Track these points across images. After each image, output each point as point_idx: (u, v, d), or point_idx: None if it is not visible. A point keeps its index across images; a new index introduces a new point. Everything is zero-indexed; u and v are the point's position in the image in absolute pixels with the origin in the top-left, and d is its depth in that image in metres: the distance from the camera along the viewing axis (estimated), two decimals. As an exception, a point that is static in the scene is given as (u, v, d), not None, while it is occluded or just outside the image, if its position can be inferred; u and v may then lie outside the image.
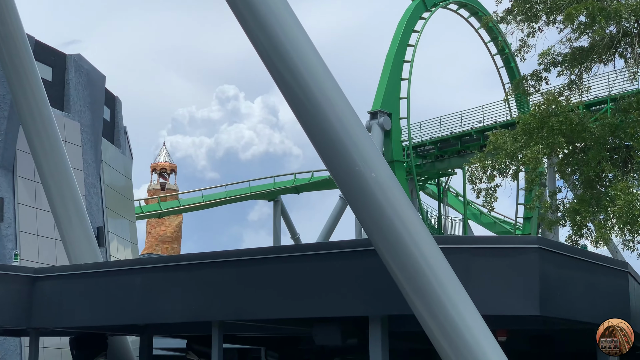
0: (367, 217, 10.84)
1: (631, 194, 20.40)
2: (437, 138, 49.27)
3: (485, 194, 24.76)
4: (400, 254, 10.66)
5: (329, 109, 10.50)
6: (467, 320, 10.69)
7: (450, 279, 10.80)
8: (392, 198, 10.64)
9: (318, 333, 13.67)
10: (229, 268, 13.68)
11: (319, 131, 10.68)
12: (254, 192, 58.12)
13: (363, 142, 10.67)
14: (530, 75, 25.74)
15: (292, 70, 10.53)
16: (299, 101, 10.63)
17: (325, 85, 10.64)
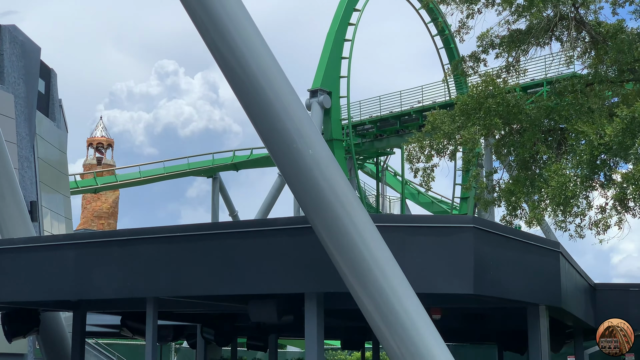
0: (304, 194, 10.83)
1: (564, 176, 20.73)
2: (376, 117, 49.47)
3: (423, 174, 24.95)
4: (337, 232, 10.68)
5: (268, 86, 10.44)
6: (402, 298, 10.77)
7: (385, 257, 10.85)
8: (329, 176, 10.64)
9: (254, 310, 13.65)
10: (164, 244, 13.56)
11: (257, 108, 10.62)
12: (193, 168, 57.71)
13: (301, 120, 10.64)
14: (469, 57, 25.96)
15: (231, 46, 10.44)
16: (238, 78, 10.55)
17: (264, 62, 10.57)
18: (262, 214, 52.35)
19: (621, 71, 22.96)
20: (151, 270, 13.59)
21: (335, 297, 13.09)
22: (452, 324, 19.63)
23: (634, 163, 19.12)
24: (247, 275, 12.90)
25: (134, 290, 13.92)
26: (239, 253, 12.97)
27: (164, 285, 13.55)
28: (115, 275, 13.91)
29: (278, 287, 12.86)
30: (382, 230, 11.16)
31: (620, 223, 22.26)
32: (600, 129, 19.95)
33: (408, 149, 25.69)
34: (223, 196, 58.91)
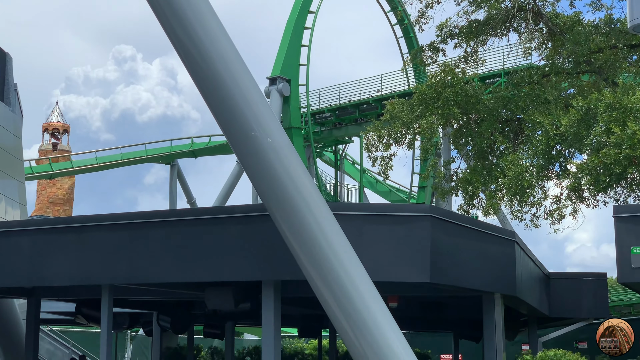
0: (262, 182, 10.80)
1: (521, 166, 20.91)
2: (335, 106, 49.45)
3: (381, 162, 25.03)
4: (294, 220, 10.67)
5: (226, 73, 10.37)
6: (359, 286, 10.80)
7: (342, 246, 10.87)
8: (287, 164, 10.62)
9: (210, 297, 13.63)
10: (120, 231, 13.46)
11: (216, 95, 10.54)
12: (150, 155, 57.24)
13: (260, 108, 10.59)
14: (428, 47, 26.05)
15: (189, 32, 10.35)
16: (196, 64, 10.46)
17: (223, 49, 10.49)
18: (220, 202, 52.11)
19: (577, 63, 23.20)
20: (107, 257, 13.48)
21: (293, 284, 13.10)
22: (408, 312, 19.75)
23: (588, 154, 19.34)
24: (204, 262, 12.85)
25: (90, 277, 13.81)
26: (196, 240, 12.92)
27: (119, 273, 13.46)
28: (71, 262, 13.78)
29: (235, 274, 12.84)
30: (339, 218, 11.18)
31: (575, 213, 22.52)
32: (556, 120, 20.14)
33: (366, 137, 25.75)
34: (181, 183, 58.55)
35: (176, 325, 21.13)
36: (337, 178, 54.27)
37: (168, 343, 26.54)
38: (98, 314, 14.82)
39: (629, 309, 36.92)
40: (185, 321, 21.45)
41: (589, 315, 20.78)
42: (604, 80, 22.61)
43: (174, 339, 27.17)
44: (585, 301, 20.14)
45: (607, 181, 18.12)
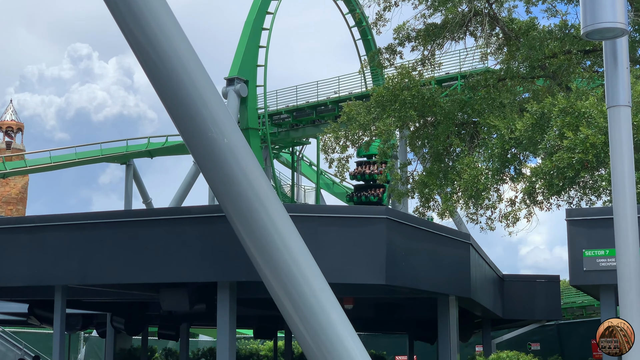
0: (218, 183, 10.76)
1: (476, 169, 21.07)
2: (292, 107, 49.42)
3: (338, 164, 25.07)
4: (250, 221, 10.65)
5: (183, 73, 10.31)
6: (314, 287, 10.80)
7: (298, 247, 10.87)
8: (244, 165, 10.59)
9: (165, 299, 13.55)
10: (74, 232, 13.33)
11: (172, 95, 10.48)
12: (106, 154, 56.69)
13: (216, 108, 10.55)
14: (385, 49, 26.13)
15: (145, 31, 10.26)
16: (153, 64, 10.39)
17: (180, 49, 10.42)
18: (176, 202, 51.79)
19: (532, 67, 23.43)
20: (60, 257, 13.35)
21: (248, 286, 13.08)
22: (364, 313, 19.83)
23: (542, 158, 19.54)
24: (159, 263, 12.78)
25: (43, 277, 13.66)
26: (151, 241, 12.85)
27: (73, 273, 13.33)
28: (23, 263, 13.61)
29: (190, 275, 12.78)
30: (296, 220, 11.18)
31: (529, 216, 22.73)
32: (511, 124, 20.32)
33: (323, 139, 25.77)
34: (137, 183, 58.09)
35: (130, 326, 20.97)
36: (294, 179, 54.25)
37: (122, 344, 26.27)
38: (51, 315, 14.67)
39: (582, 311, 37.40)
40: (140, 322, 21.30)
41: (542, 317, 21.03)
42: (558, 85, 22.86)
43: (127, 340, 26.91)
44: (538, 303, 20.38)
45: (561, 185, 18.33)
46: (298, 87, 49.54)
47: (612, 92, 7.59)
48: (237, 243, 11.21)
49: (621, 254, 7.49)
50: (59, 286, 14.02)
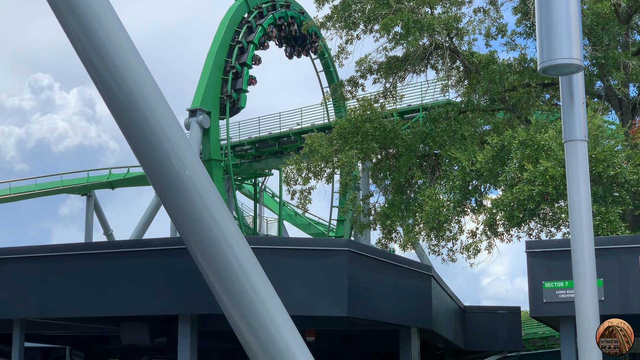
0: (179, 215, 10.71)
1: (438, 200, 21.22)
2: (255, 138, 49.47)
3: (300, 196, 25.10)
4: (212, 253, 10.60)
5: (144, 104, 10.28)
6: (276, 320, 10.76)
7: (260, 280, 10.84)
8: (205, 197, 10.56)
9: (126, 332, 13.41)
10: (33, 264, 13.18)
11: (133, 126, 10.43)
12: (66, 185, 56.18)
13: (178, 140, 10.52)
14: (348, 81, 26.33)
15: (106, 63, 10.23)
16: (113, 95, 10.34)
17: (141, 80, 10.40)
18: (137, 234, 51.39)
19: (492, 100, 23.73)
20: (19, 290, 13.17)
21: (210, 318, 13.00)
22: (326, 345, 19.74)
23: (503, 189, 19.74)
24: (119, 296, 12.66)
25: (1, 311, 13.45)
26: (112, 274, 12.73)
27: (32, 307, 13.15)
28: (-19, 296, 13.41)
29: (151, 308, 12.67)
30: (257, 252, 11.15)
31: (490, 247, 22.90)
32: (472, 156, 20.53)
33: (286, 170, 25.81)
34: (98, 215, 57.57)
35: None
36: (256, 211, 54.13)
37: (81, 378, 25.93)
38: (9, 348, 14.44)
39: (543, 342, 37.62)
40: (100, 356, 21.04)
41: (504, 348, 21.09)
42: (518, 118, 23.16)
43: (87, 374, 26.57)
44: (500, 334, 20.45)
45: (521, 217, 18.52)
46: (261, 119, 49.65)
47: (568, 127, 7.72)
48: (199, 275, 11.15)
49: (579, 285, 7.57)
50: (18, 319, 13.82)
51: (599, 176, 17.70)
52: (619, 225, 17.36)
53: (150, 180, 10.82)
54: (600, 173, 17.57)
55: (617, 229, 17.27)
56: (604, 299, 12.16)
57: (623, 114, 22.26)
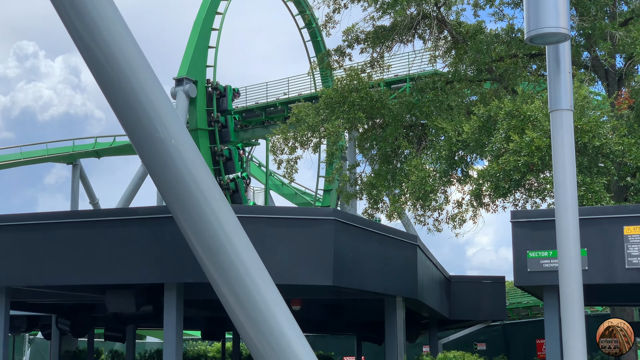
0: (165, 184, 10.69)
1: (424, 170, 21.25)
2: (242, 108, 49.35)
3: (286, 165, 25.08)
4: (197, 222, 10.60)
5: (130, 73, 10.22)
6: (261, 289, 10.79)
7: (245, 248, 10.85)
8: (191, 166, 10.54)
9: (111, 300, 13.42)
10: (18, 232, 13.14)
11: (119, 95, 10.38)
12: (52, 154, 56.01)
13: (164, 109, 10.48)
14: (335, 51, 26.24)
15: (92, 31, 10.15)
16: (99, 64, 10.27)
17: (127, 49, 10.33)
18: (124, 203, 51.33)
19: (479, 71, 23.71)
20: (4, 258, 13.15)
21: (196, 287, 13.03)
22: (312, 314, 19.85)
23: (489, 160, 19.78)
24: (105, 264, 12.67)
25: (-14, 279, 13.44)
26: (98, 242, 12.72)
27: (17, 274, 13.14)
28: (-34, 264, 13.38)
29: (137, 277, 12.69)
30: (243, 221, 11.16)
31: (475, 218, 23.01)
32: (458, 126, 20.54)
33: (272, 140, 25.76)
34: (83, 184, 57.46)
35: (76, 328, 20.74)
36: (242, 180, 54.12)
37: (67, 346, 25.96)
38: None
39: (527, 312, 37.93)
40: (86, 324, 21.07)
41: (488, 317, 21.26)
42: (505, 89, 23.16)
43: (73, 342, 26.60)
44: (484, 304, 20.60)
45: (507, 187, 18.58)
46: (248, 88, 49.50)
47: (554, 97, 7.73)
48: (185, 244, 11.16)
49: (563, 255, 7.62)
50: (3, 287, 13.81)
51: (584, 147, 17.75)
52: (604, 196, 17.44)
53: (136, 149, 10.78)
54: (586, 144, 17.62)
55: (602, 200, 17.36)
56: (588, 268, 12.25)
57: (609, 85, 22.30)
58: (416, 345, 26.45)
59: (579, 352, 7.53)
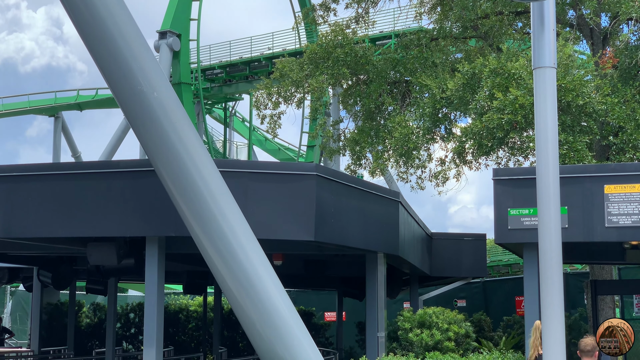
0: (147, 137, 10.66)
1: (407, 127, 21.22)
2: (226, 62, 49.00)
3: (270, 120, 24.98)
4: (179, 176, 10.60)
5: (112, 24, 10.12)
6: (243, 243, 10.83)
7: (227, 203, 10.86)
8: (173, 119, 10.51)
9: (93, 253, 13.44)
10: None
11: (101, 47, 10.29)
12: (33, 106, 55.59)
13: (146, 62, 10.41)
14: (320, 6, 26.02)
15: (74, -20, 10.03)
16: (81, 15, 10.16)
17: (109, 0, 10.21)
18: (106, 156, 51.12)
19: (465, 28, 23.57)
20: (-16, 210, 13.11)
21: (177, 241, 13.05)
22: (293, 270, 19.94)
23: (473, 118, 19.76)
24: (86, 217, 12.66)
25: (-34, 230, 13.40)
26: (80, 195, 12.70)
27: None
28: (-54, 215, 13.33)
29: (118, 230, 12.70)
30: (225, 175, 11.16)
31: (458, 175, 23.06)
32: (442, 83, 20.49)
33: (256, 95, 25.63)
34: (66, 136, 57.13)
35: (57, 280, 20.78)
36: (226, 135, 54.01)
37: (49, 299, 26.07)
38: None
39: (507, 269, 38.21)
40: (67, 277, 21.12)
41: (468, 274, 21.44)
42: (490, 46, 23.08)
43: (55, 294, 26.70)
44: (465, 261, 20.77)
45: (490, 145, 18.59)
46: (232, 43, 49.11)
47: (538, 53, 7.70)
48: (166, 198, 11.16)
49: (543, 212, 7.65)
50: (-17, 239, 13.79)
51: (567, 105, 17.75)
52: (586, 155, 17.50)
53: (118, 102, 10.73)
54: (569, 102, 17.62)
55: (584, 158, 17.42)
56: (568, 226, 12.34)
57: (594, 44, 22.24)
58: (397, 301, 26.66)
59: (556, 309, 7.59)
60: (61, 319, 26.31)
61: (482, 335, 22.72)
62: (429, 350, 14.03)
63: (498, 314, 26.30)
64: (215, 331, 25.56)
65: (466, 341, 14.91)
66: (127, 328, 29.64)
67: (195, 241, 11.05)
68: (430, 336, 14.24)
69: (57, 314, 26.40)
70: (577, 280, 26.48)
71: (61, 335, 25.61)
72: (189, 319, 30.13)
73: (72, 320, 25.27)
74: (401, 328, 14.71)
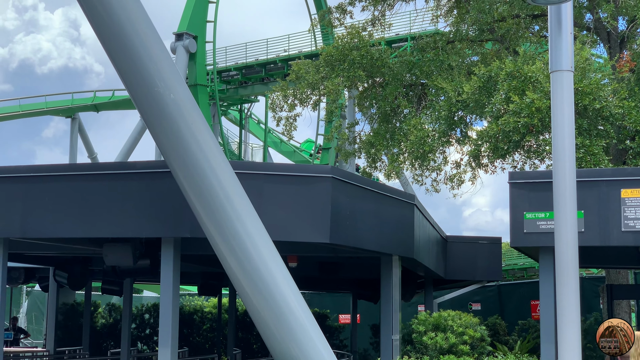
0: (163, 138, 10.69)
1: (423, 130, 21.20)
2: (242, 64, 49.05)
3: (286, 122, 25.02)
4: (195, 177, 10.62)
5: (129, 26, 10.16)
6: (258, 245, 10.84)
7: (243, 204, 10.88)
8: (189, 121, 10.53)
9: (109, 253, 13.49)
10: (16, 184, 13.16)
11: (118, 49, 10.33)
12: (50, 107, 55.80)
13: (163, 63, 10.44)
14: (336, 8, 26.03)
15: (92, -18, 10.07)
16: (99, 17, 10.20)
17: (127, 2, 10.25)
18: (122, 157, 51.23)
19: (481, 31, 23.52)
20: (2, 210, 13.18)
21: (193, 242, 13.08)
22: (308, 272, 19.95)
23: (489, 121, 19.72)
24: (103, 218, 12.70)
25: (-17, 230, 13.47)
26: (96, 195, 12.75)
27: (15, 226, 13.18)
28: (-37, 215, 13.41)
29: (134, 231, 12.73)
30: (241, 177, 11.18)
31: (474, 178, 23.01)
32: (458, 86, 20.45)
33: (272, 97, 25.66)
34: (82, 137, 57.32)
35: (73, 281, 20.86)
36: (241, 137, 54.05)
37: (65, 299, 26.18)
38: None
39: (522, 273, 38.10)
40: (83, 277, 21.19)
41: (483, 277, 21.38)
42: (506, 49, 23.02)
43: (70, 294, 26.81)
44: (480, 264, 20.70)
45: (506, 148, 18.54)
46: (248, 44, 49.16)
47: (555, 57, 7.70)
48: (182, 199, 11.18)
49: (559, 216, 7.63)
50: (0, 239, 13.85)
51: (584, 109, 17.69)
52: (602, 158, 17.42)
53: (135, 103, 10.76)
54: (586, 106, 17.55)
55: (600, 162, 17.34)
56: (584, 230, 12.29)
57: (611, 47, 22.15)
58: (411, 304, 26.62)
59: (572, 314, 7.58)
60: (77, 319, 26.41)
61: (497, 339, 22.65)
62: (444, 353, 13.99)
63: (513, 318, 26.20)
64: (229, 332, 25.59)
65: (481, 345, 14.86)
66: (142, 329, 29.73)
67: (210, 242, 11.07)
68: (445, 339, 14.21)
69: (72, 314, 26.50)
70: (593, 285, 26.35)
71: (76, 336, 25.71)
72: (203, 320, 30.19)
73: (88, 320, 25.35)
74: (415, 331, 14.68)
